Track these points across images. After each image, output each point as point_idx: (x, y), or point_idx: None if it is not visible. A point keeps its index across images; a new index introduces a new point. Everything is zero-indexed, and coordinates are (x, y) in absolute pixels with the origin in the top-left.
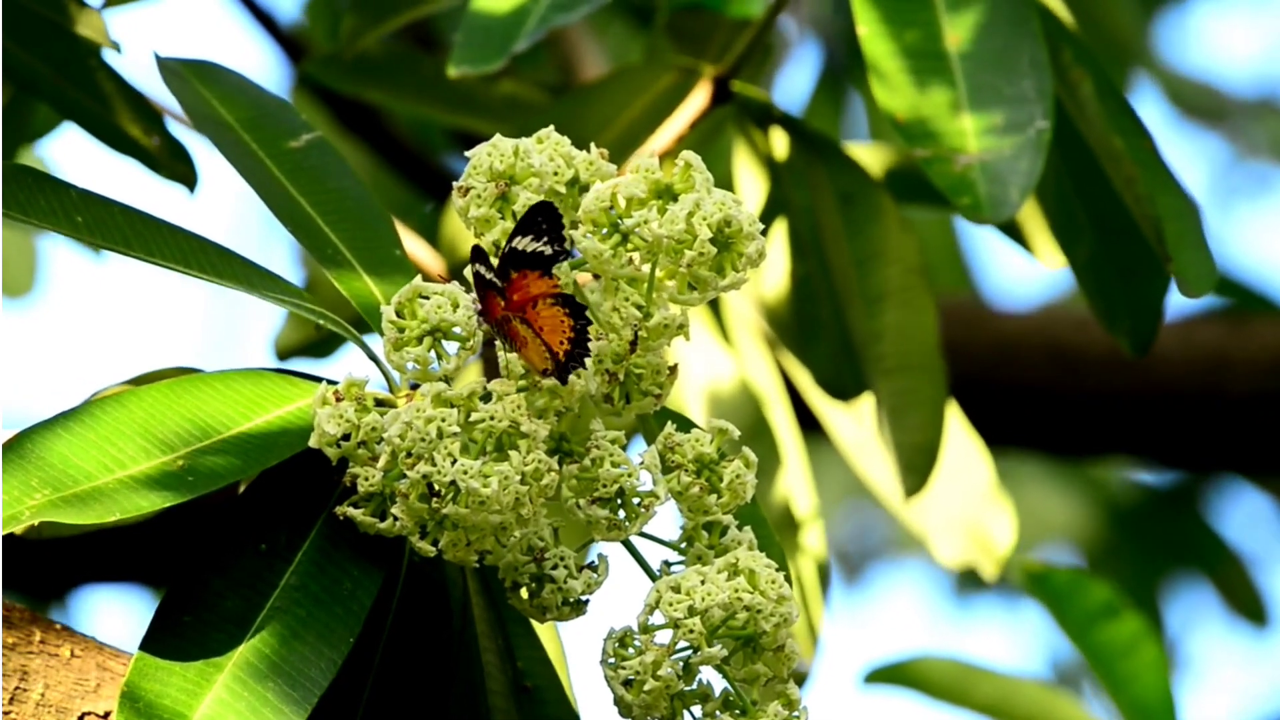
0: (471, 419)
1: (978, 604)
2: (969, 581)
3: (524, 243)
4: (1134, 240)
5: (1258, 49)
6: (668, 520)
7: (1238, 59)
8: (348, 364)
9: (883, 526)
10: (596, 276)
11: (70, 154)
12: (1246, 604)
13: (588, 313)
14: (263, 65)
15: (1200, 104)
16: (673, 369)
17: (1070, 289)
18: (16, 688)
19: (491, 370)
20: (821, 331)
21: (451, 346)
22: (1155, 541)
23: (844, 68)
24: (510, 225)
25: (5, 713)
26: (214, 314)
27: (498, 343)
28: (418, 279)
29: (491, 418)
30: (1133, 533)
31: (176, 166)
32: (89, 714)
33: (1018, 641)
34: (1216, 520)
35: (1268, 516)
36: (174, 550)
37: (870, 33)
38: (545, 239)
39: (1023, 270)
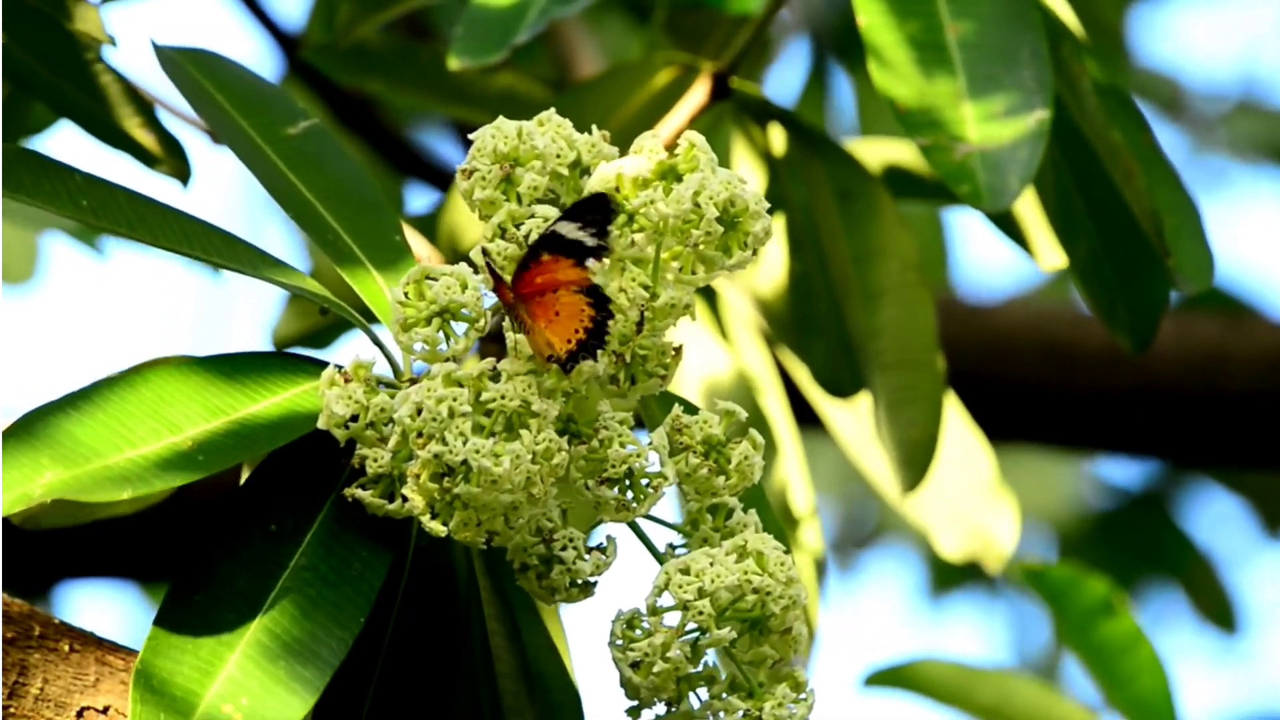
0: (482, 399)
1: (951, 597)
2: (944, 574)
3: (569, 228)
4: (1134, 237)
5: (1219, 44)
6: (671, 507)
7: (1198, 53)
8: (348, 352)
9: (874, 515)
10: None
11: (63, 152)
12: (1215, 609)
13: (611, 306)
14: (257, 59)
15: (1158, 96)
16: (678, 350)
17: (1065, 285)
18: (15, 682)
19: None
20: (819, 328)
21: (459, 327)
22: (1126, 544)
23: (837, 62)
24: (516, 207)
25: (4, 707)
26: (210, 307)
27: (505, 325)
28: (423, 262)
29: (502, 397)
30: (1104, 535)
31: (170, 161)
32: (88, 709)
33: (989, 634)
34: (1187, 523)
35: (1238, 519)
36: (167, 546)
37: (871, 23)
38: (592, 231)
39: (1018, 266)
